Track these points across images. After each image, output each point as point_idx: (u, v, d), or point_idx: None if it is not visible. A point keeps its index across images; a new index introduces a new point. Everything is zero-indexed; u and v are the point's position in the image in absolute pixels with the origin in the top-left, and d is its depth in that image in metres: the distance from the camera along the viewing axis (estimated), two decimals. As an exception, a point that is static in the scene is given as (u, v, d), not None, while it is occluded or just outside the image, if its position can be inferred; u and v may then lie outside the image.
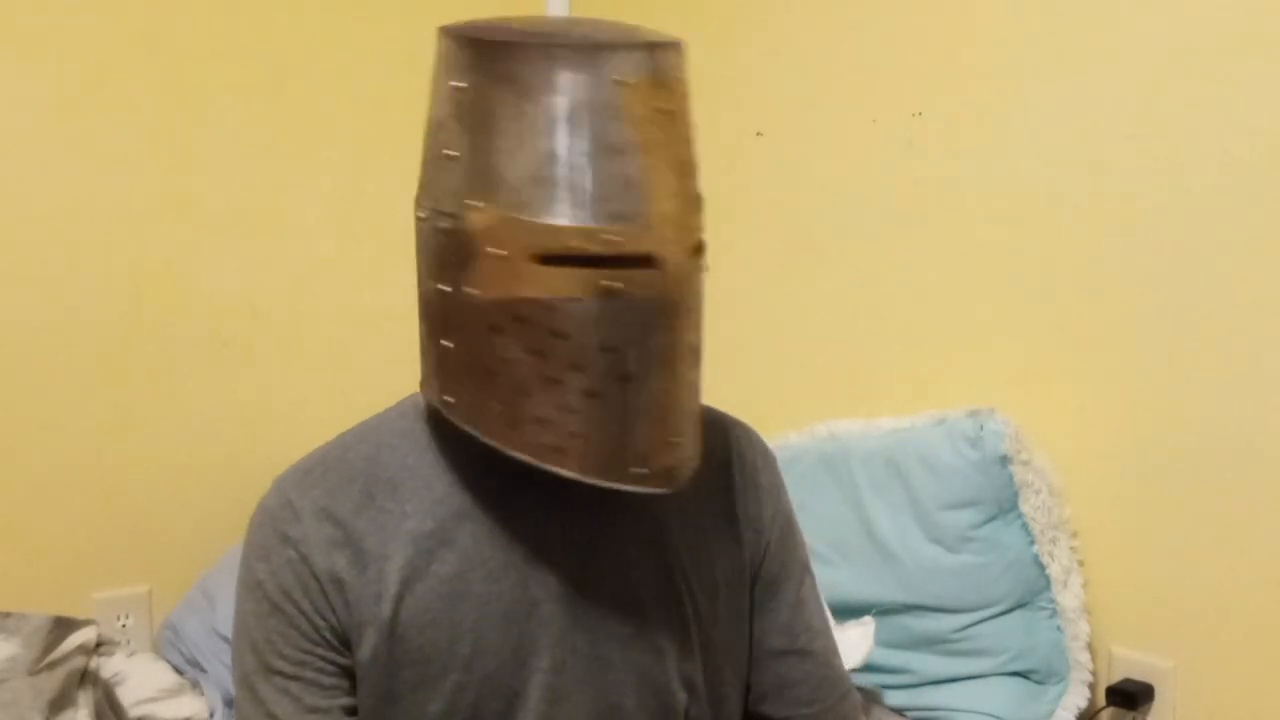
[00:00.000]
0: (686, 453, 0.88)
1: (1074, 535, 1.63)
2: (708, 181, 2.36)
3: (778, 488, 1.07)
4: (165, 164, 2.00)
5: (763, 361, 2.07)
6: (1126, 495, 1.58)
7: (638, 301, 0.83)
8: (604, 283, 0.82)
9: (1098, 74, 1.57)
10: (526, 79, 0.82)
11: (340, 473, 0.94)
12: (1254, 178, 1.44)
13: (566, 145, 0.82)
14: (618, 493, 0.95)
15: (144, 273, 1.98)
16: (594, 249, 0.82)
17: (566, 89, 0.82)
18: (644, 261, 0.83)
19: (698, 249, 0.88)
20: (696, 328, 0.88)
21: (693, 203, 0.87)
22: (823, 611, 1.09)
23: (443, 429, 0.95)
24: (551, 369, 0.84)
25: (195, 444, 2.05)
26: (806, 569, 1.08)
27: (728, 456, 1.04)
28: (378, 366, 2.20)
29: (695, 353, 0.88)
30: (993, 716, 1.56)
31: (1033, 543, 1.59)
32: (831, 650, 1.08)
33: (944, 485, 1.62)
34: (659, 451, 0.86)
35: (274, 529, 0.93)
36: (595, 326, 0.83)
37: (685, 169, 0.86)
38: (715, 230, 2.11)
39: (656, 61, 0.83)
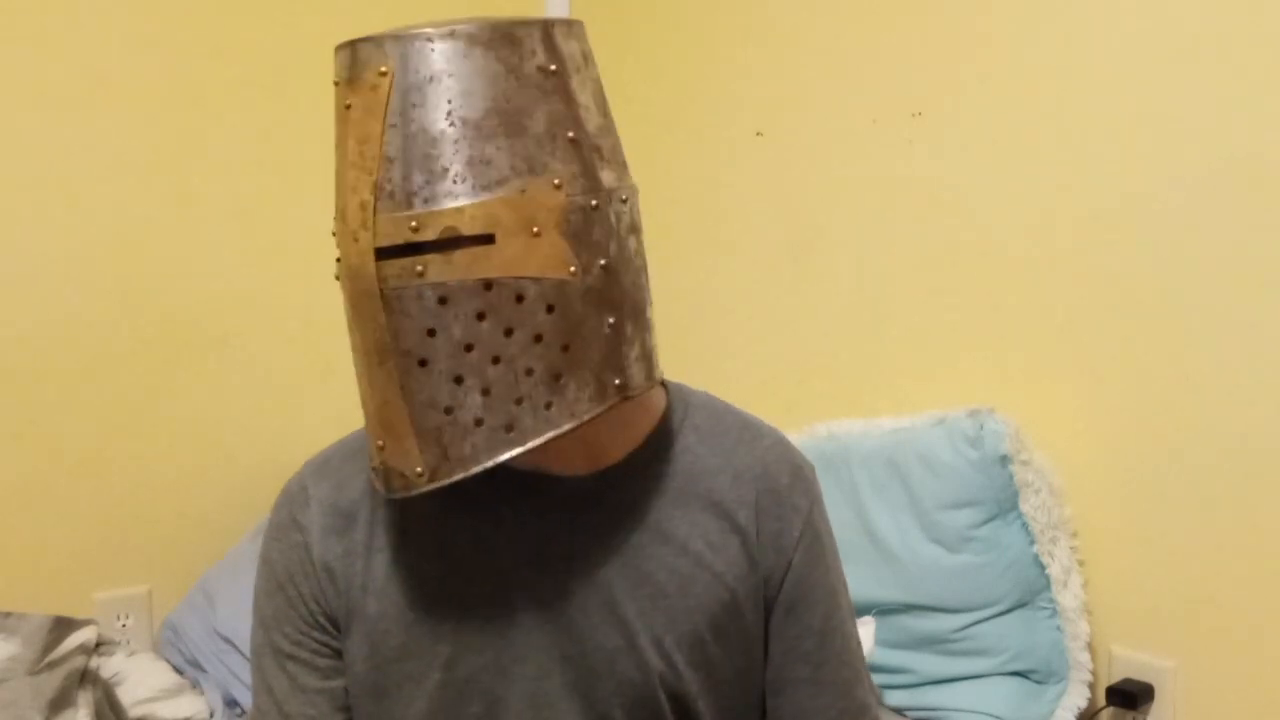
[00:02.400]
0: (400, 463, 0.84)
1: (1074, 535, 1.63)
2: (708, 182, 2.37)
3: (809, 507, 1.00)
4: (165, 164, 2.00)
5: (763, 361, 2.07)
6: (1126, 495, 1.58)
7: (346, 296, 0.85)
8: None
9: (1097, 74, 1.57)
10: None
11: (355, 463, 0.98)
12: (1254, 178, 1.44)
13: None
14: (609, 502, 0.94)
15: (143, 273, 1.98)
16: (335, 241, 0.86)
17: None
18: (340, 256, 0.85)
19: (411, 247, 0.81)
20: (419, 333, 0.82)
21: (397, 197, 0.80)
22: (852, 638, 1.03)
23: None
24: None
25: (195, 444, 2.05)
26: (836, 594, 1.01)
27: (751, 469, 0.98)
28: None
29: (415, 359, 0.82)
30: (993, 716, 1.55)
31: (1033, 543, 1.59)
32: (855, 680, 1.02)
33: (944, 485, 1.62)
34: (374, 451, 0.86)
35: (289, 512, 0.97)
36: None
37: (375, 164, 0.81)
38: (715, 230, 2.12)
39: (346, 58, 0.83)
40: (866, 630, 1.60)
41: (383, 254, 0.81)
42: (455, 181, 0.80)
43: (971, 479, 1.60)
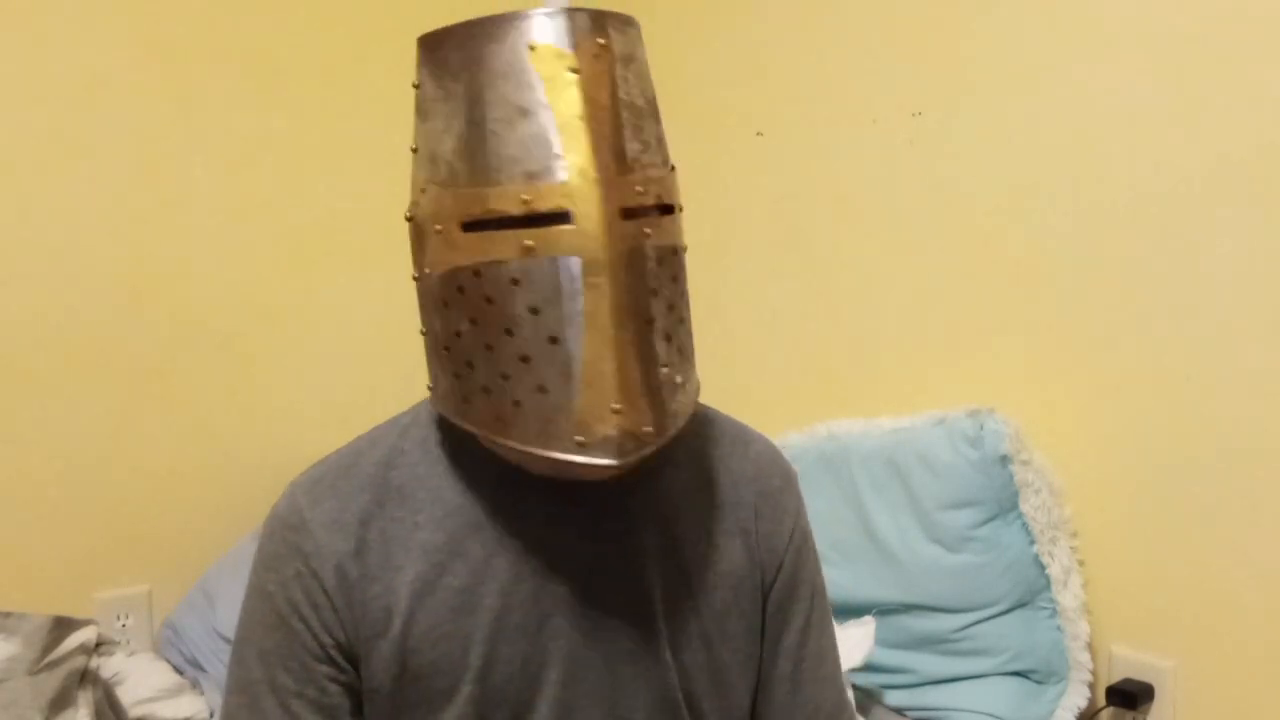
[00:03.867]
0: (635, 424, 0.83)
1: (1074, 535, 1.63)
2: (708, 181, 2.36)
3: (797, 508, 1.04)
4: (165, 164, 2.00)
5: (763, 361, 2.07)
6: (1126, 495, 1.58)
7: (558, 260, 0.82)
8: (525, 242, 0.82)
9: (1097, 74, 1.57)
10: (453, 60, 0.86)
11: (352, 481, 0.94)
12: (1254, 177, 1.44)
13: (486, 114, 0.84)
14: (629, 506, 0.95)
15: (144, 273, 1.98)
16: (511, 209, 0.83)
17: (485, 61, 0.85)
18: (560, 218, 0.82)
19: (636, 211, 0.85)
20: (648, 294, 0.85)
21: (626, 162, 0.85)
22: (831, 633, 1.07)
23: (453, 436, 0.94)
24: (488, 336, 0.85)
25: (195, 444, 2.05)
26: (818, 591, 1.06)
27: (746, 472, 1.02)
28: (378, 367, 2.20)
29: (645, 319, 0.85)
30: (993, 716, 1.56)
31: (1033, 542, 1.59)
32: (835, 675, 1.06)
33: (944, 485, 1.62)
34: (598, 419, 0.83)
35: (284, 539, 0.92)
36: (520, 288, 0.83)
37: (608, 128, 0.84)
38: (716, 230, 2.12)
39: (565, 24, 0.84)
40: (866, 630, 1.60)
41: (624, 215, 0.84)
42: (654, 153, 0.88)
43: (971, 479, 1.60)
